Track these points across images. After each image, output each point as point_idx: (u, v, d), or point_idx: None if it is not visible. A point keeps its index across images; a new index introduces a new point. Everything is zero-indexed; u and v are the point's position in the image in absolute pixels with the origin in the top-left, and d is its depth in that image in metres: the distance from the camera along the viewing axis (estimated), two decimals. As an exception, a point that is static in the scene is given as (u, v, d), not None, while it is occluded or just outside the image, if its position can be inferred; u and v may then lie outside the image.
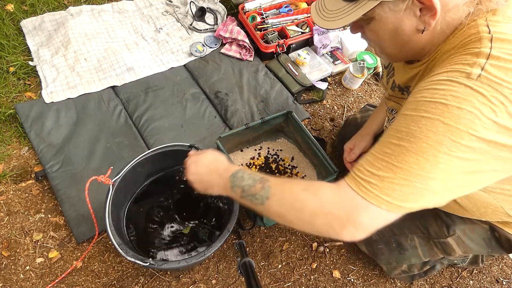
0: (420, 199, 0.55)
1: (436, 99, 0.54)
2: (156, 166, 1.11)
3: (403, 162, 0.54)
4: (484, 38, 0.55)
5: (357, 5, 0.62)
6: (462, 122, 0.51)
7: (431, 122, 0.53)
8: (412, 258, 1.00)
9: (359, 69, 1.57)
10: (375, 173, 0.56)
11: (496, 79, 0.51)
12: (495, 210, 0.76)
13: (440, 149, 0.52)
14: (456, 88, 0.52)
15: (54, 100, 1.33)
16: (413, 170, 0.53)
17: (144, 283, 1.08)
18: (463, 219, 0.88)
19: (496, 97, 0.50)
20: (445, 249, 0.93)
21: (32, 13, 1.57)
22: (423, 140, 0.53)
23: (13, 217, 1.13)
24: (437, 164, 0.52)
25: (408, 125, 0.55)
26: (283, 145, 1.36)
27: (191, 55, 1.58)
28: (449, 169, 0.52)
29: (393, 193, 0.55)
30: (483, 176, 0.56)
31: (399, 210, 0.56)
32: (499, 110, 0.50)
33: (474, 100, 0.50)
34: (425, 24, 0.60)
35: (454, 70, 0.55)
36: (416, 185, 0.53)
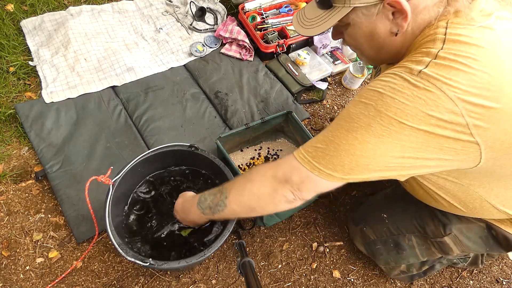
0: (352, 172, 0.62)
1: (375, 88, 0.60)
2: (156, 166, 1.11)
3: (335, 137, 0.62)
4: (437, 39, 0.59)
5: (332, 12, 0.67)
6: (392, 110, 0.56)
7: (365, 106, 0.59)
8: (410, 258, 1.00)
9: (359, 69, 1.57)
10: (313, 145, 0.66)
11: (436, 76, 0.54)
12: (482, 205, 0.76)
13: (369, 130, 0.58)
14: (396, 80, 0.58)
15: (54, 100, 1.33)
16: (342, 145, 0.61)
17: (144, 283, 1.08)
18: (459, 218, 0.88)
19: (433, 92, 0.54)
20: (443, 249, 0.93)
21: (32, 13, 1.57)
22: (355, 120, 0.60)
23: (13, 217, 1.13)
24: (365, 144, 0.59)
25: (348, 108, 0.63)
26: (283, 145, 1.36)
27: (191, 55, 1.58)
28: (380, 150, 0.59)
29: (323, 161, 0.63)
30: (429, 162, 0.60)
31: (330, 178, 0.64)
32: (434, 104, 0.54)
33: (408, 92, 0.55)
34: (398, 26, 0.64)
35: (401, 66, 0.60)
36: (344, 158, 0.61)
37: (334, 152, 0.62)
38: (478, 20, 0.59)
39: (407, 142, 0.57)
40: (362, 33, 0.68)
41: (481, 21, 0.59)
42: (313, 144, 0.66)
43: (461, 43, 0.56)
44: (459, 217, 0.88)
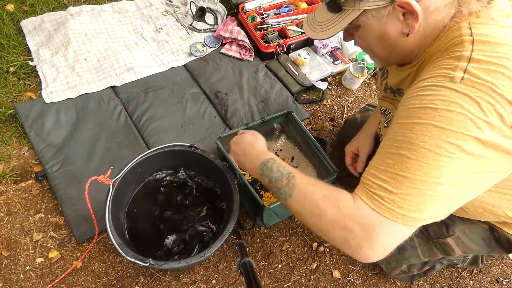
0: (432, 207, 0.54)
1: (425, 105, 0.54)
2: (156, 166, 1.11)
3: (406, 170, 0.54)
4: (465, 41, 0.56)
5: (342, 15, 0.66)
6: (455, 124, 0.51)
7: (425, 127, 0.53)
8: (411, 258, 1.00)
9: (359, 69, 1.57)
10: (383, 186, 0.56)
11: (479, 80, 0.52)
12: (492, 210, 0.76)
13: (440, 152, 0.52)
14: (442, 92, 0.53)
15: (54, 100, 1.33)
16: (418, 177, 0.53)
17: (144, 283, 1.08)
18: (462, 219, 0.88)
19: (482, 97, 0.51)
20: (445, 249, 0.93)
21: (32, 13, 1.57)
22: (420, 145, 0.53)
23: (13, 217, 1.13)
24: (440, 168, 0.52)
25: (403, 133, 0.56)
26: (283, 145, 1.36)
27: (191, 55, 1.58)
28: (453, 171, 0.52)
29: (405, 204, 0.54)
30: (482, 177, 0.56)
31: (414, 222, 0.55)
32: (487, 109, 0.51)
33: (461, 102, 0.52)
34: (409, 27, 0.63)
35: (438, 75, 0.56)
36: (425, 192, 0.53)
37: (413, 189, 0.53)
38: (499, 20, 0.58)
39: (473, 156, 0.52)
40: (373, 35, 0.67)
41: (502, 21, 0.58)
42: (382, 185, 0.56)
43: (490, 43, 0.55)
44: (462, 218, 0.88)
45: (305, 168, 1.30)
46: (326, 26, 0.70)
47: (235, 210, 0.94)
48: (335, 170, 1.14)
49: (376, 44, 0.70)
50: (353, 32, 0.72)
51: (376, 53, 0.73)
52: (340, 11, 0.66)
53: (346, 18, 0.66)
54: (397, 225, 0.55)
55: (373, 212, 0.56)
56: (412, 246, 0.98)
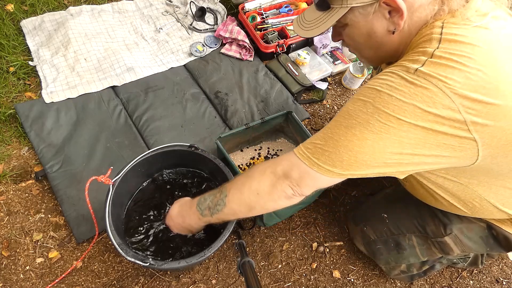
0: (350, 168, 0.63)
1: (373, 86, 0.61)
2: (156, 166, 1.11)
3: (334, 133, 0.63)
4: (433, 39, 0.60)
5: (330, 13, 0.69)
6: (390, 107, 0.57)
7: (364, 103, 0.60)
8: (410, 258, 1.00)
9: (359, 69, 1.57)
10: (313, 141, 0.66)
11: (432, 73, 0.55)
12: (482, 204, 0.76)
13: (367, 127, 0.59)
14: (393, 78, 0.59)
15: (54, 100, 1.33)
16: (341, 141, 0.62)
17: (144, 283, 1.08)
18: (460, 218, 0.88)
19: (430, 89, 0.55)
20: (443, 248, 0.93)
21: (32, 13, 1.57)
22: (353, 117, 0.61)
23: (13, 217, 1.13)
24: (364, 140, 0.60)
25: (347, 105, 0.64)
26: (283, 145, 1.36)
27: (191, 55, 1.58)
28: (379, 146, 0.59)
29: (322, 157, 0.64)
30: (427, 159, 0.61)
31: (329, 174, 0.64)
32: (431, 101, 0.55)
33: (405, 90, 0.56)
34: (395, 25, 0.65)
35: (399, 65, 0.61)
36: (343, 154, 0.62)
37: (333, 148, 0.63)
38: (473, 20, 0.60)
39: (405, 139, 0.58)
40: (360, 33, 0.70)
41: (476, 21, 0.59)
42: (312, 140, 0.67)
43: (457, 42, 0.57)
44: (460, 217, 0.88)
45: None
46: (315, 24, 0.72)
47: (235, 210, 0.94)
48: None
49: (363, 43, 0.72)
50: (341, 31, 0.74)
51: (363, 52, 0.76)
52: (328, 9, 0.69)
53: (334, 15, 0.68)
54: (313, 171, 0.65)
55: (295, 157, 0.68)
56: (410, 245, 0.98)
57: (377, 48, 0.72)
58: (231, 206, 0.77)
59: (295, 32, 0.88)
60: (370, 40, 0.70)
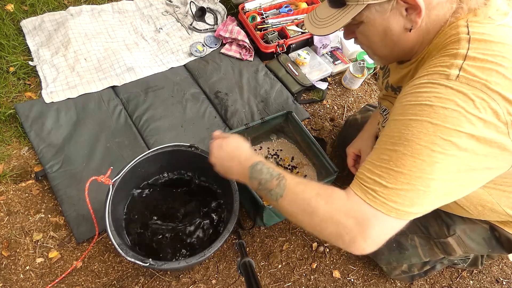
0: (425, 202, 0.55)
1: (421, 102, 0.55)
2: (156, 166, 1.11)
3: (401, 166, 0.55)
4: (462, 39, 0.57)
5: (345, 10, 0.65)
6: (449, 121, 0.52)
7: (420, 123, 0.54)
8: (412, 258, 1.00)
9: (359, 69, 1.57)
10: (377, 181, 0.57)
11: (474, 78, 0.53)
12: (492, 208, 0.76)
13: (434, 149, 0.53)
14: (438, 89, 0.54)
15: (54, 100, 1.33)
16: (413, 173, 0.54)
17: (144, 283, 1.08)
18: (463, 219, 0.88)
19: (476, 95, 0.52)
20: (446, 249, 0.93)
21: (32, 13, 1.57)
22: (416, 142, 0.54)
23: (13, 217, 1.13)
24: (434, 164, 0.53)
25: (399, 130, 0.57)
26: (283, 145, 1.36)
27: (191, 55, 1.58)
28: (447, 167, 0.53)
29: (399, 199, 0.55)
30: (477, 174, 0.56)
31: (407, 216, 0.56)
32: (481, 106, 0.52)
33: (456, 99, 0.52)
34: (412, 22, 0.63)
35: (434, 72, 0.57)
36: (418, 187, 0.54)
37: (407, 185, 0.54)
38: (496, 19, 0.58)
39: (467, 152, 0.53)
40: (376, 31, 0.67)
41: (499, 20, 0.58)
42: (376, 180, 0.57)
43: (486, 41, 0.55)
44: (463, 218, 0.88)
45: (305, 168, 1.30)
46: (328, 22, 0.69)
47: (235, 210, 0.94)
48: (335, 170, 1.14)
49: (378, 41, 0.69)
50: (354, 29, 0.71)
51: (377, 50, 0.73)
52: (343, 6, 0.66)
53: (349, 13, 0.65)
54: (390, 219, 0.56)
55: (367, 206, 0.56)
56: (413, 245, 0.97)
57: (393, 47, 0.69)
58: (280, 205, 0.68)
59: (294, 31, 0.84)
60: (386, 38, 0.67)
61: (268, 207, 1.01)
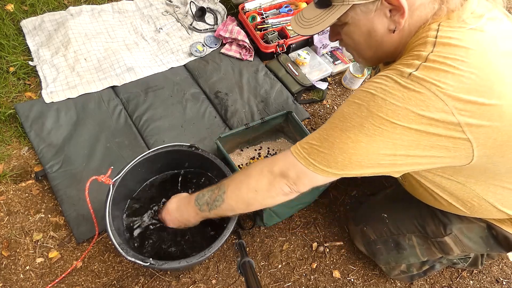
0: (345, 168, 0.65)
1: (368, 89, 0.62)
2: (156, 166, 1.11)
3: (329, 135, 0.65)
4: (428, 42, 0.60)
5: (331, 10, 0.68)
6: (384, 111, 0.58)
7: (358, 106, 0.62)
8: (410, 258, 1.00)
9: (359, 69, 1.57)
10: (309, 142, 0.68)
11: (425, 77, 0.56)
12: (480, 204, 0.76)
13: (361, 130, 0.60)
14: (387, 82, 0.59)
15: (54, 100, 1.33)
16: (336, 143, 0.63)
17: (144, 283, 1.08)
18: (460, 218, 0.88)
19: (423, 93, 0.56)
20: (443, 249, 0.93)
21: (32, 13, 1.57)
22: (348, 120, 0.62)
23: (13, 217, 1.13)
24: (358, 143, 0.61)
25: (342, 108, 0.66)
26: (283, 145, 1.36)
27: (191, 55, 1.58)
28: (372, 148, 0.61)
29: (318, 157, 0.66)
30: (421, 159, 0.62)
31: (325, 173, 0.67)
32: (424, 104, 0.56)
33: (399, 94, 0.57)
34: (395, 23, 0.65)
35: (393, 68, 0.61)
36: (337, 156, 0.63)
37: (328, 150, 0.64)
38: (469, 22, 0.60)
39: (399, 141, 0.59)
40: (360, 32, 0.69)
41: (471, 23, 0.60)
42: (308, 141, 0.68)
43: (451, 45, 0.58)
44: (460, 217, 0.88)
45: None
46: (314, 22, 0.71)
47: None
48: None
49: (363, 42, 0.71)
50: (339, 30, 0.73)
51: (362, 51, 0.75)
52: (328, 6, 0.68)
53: (335, 13, 0.67)
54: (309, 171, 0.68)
55: (292, 157, 0.70)
56: (410, 245, 0.98)
57: (377, 48, 0.71)
58: (229, 202, 0.79)
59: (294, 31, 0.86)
60: (370, 39, 0.69)
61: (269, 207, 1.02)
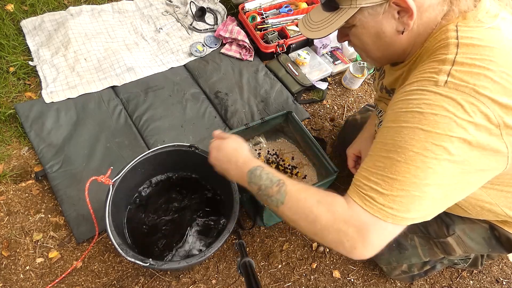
0: (420, 207, 0.56)
1: (411, 109, 0.56)
2: (156, 166, 1.11)
3: (396, 173, 0.56)
4: (451, 44, 0.58)
5: (339, 13, 0.67)
6: (440, 127, 0.53)
7: (412, 131, 0.55)
8: (412, 258, 1.00)
9: (359, 69, 1.57)
10: (374, 188, 0.58)
11: (462, 83, 0.53)
12: (490, 209, 0.76)
13: (427, 155, 0.54)
14: (427, 96, 0.55)
15: (54, 100, 1.33)
16: (407, 179, 0.55)
17: (144, 283, 1.08)
18: (462, 219, 0.88)
19: (465, 99, 0.53)
20: (445, 249, 0.93)
21: (32, 13, 1.57)
22: (409, 149, 0.55)
23: (13, 217, 1.13)
24: (427, 170, 0.54)
25: (392, 137, 0.58)
26: (283, 145, 1.36)
27: (191, 55, 1.58)
28: (440, 172, 0.54)
29: (395, 205, 0.56)
30: (472, 176, 0.57)
31: (404, 221, 0.57)
32: (471, 110, 0.53)
33: (445, 105, 0.53)
34: (404, 25, 0.63)
35: (423, 79, 0.58)
36: (414, 193, 0.55)
37: (402, 191, 0.55)
38: (485, 21, 0.59)
39: (460, 156, 0.54)
40: (369, 34, 0.68)
41: (488, 22, 0.59)
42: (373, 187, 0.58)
43: (475, 46, 0.56)
44: (463, 218, 0.88)
45: (305, 168, 1.30)
46: (322, 25, 0.71)
47: (235, 210, 0.94)
48: (335, 170, 1.14)
49: (371, 43, 0.70)
50: (347, 32, 0.72)
51: (370, 52, 0.74)
52: (336, 9, 0.67)
53: (342, 16, 0.66)
54: (387, 225, 0.57)
55: (366, 213, 0.58)
56: (412, 245, 0.98)
57: (385, 49, 0.70)
58: (282, 211, 0.67)
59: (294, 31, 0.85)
60: (379, 40, 0.68)
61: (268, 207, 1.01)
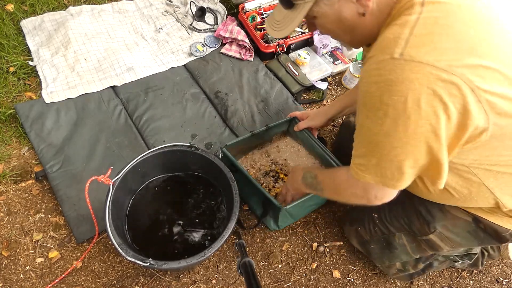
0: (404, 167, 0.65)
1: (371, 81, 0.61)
2: (156, 166, 1.11)
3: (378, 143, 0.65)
4: (416, 3, 0.59)
5: (296, 10, 0.69)
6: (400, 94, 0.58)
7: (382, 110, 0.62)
8: (402, 256, 1.01)
9: (359, 69, 1.57)
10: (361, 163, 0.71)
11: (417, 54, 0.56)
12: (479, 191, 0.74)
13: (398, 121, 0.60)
14: (384, 65, 0.59)
15: (54, 100, 1.33)
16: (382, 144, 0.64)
17: (144, 283, 1.08)
18: (444, 213, 0.86)
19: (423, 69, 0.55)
20: (432, 246, 0.92)
21: (32, 13, 1.57)
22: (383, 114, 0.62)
23: (13, 217, 1.13)
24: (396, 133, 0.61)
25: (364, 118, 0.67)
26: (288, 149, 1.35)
27: (191, 55, 1.58)
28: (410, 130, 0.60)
29: (387, 171, 0.67)
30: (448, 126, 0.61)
31: (393, 186, 0.70)
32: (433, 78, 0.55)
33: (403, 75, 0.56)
34: (363, 6, 0.65)
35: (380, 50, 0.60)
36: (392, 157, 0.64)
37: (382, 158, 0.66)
38: None
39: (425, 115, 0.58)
40: (331, 21, 0.70)
41: None
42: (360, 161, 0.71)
43: (440, 3, 0.57)
44: (444, 213, 0.86)
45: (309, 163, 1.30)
46: (285, 24, 0.73)
47: (235, 210, 0.94)
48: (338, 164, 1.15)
49: (337, 29, 0.72)
50: (313, 22, 0.74)
51: (340, 37, 0.77)
52: (292, 6, 0.69)
53: (300, 12, 0.68)
54: (379, 185, 0.71)
55: (360, 182, 0.73)
56: (401, 244, 0.98)
57: (352, 32, 0.72)
58: (325, 195, 0.93)
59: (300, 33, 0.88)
60: (343, 25, 0.70)
61: (285, 208, 1.02)
